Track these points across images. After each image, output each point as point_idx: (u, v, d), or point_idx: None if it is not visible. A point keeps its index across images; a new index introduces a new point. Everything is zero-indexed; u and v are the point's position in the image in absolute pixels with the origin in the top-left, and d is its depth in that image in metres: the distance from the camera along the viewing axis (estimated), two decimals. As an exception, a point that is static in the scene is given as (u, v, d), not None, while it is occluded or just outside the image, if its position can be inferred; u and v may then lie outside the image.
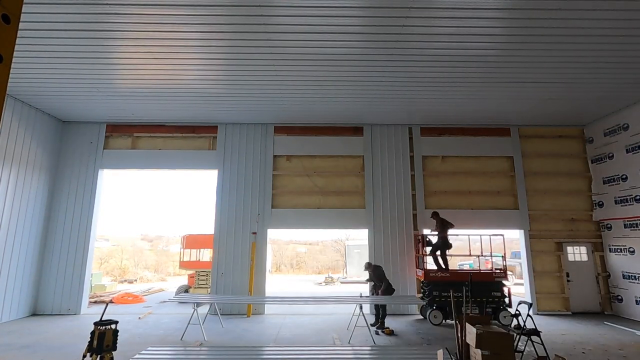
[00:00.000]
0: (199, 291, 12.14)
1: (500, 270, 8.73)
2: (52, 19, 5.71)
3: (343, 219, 10.22)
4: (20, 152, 8.97)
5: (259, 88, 8.25)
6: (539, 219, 10.25)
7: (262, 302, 8.70)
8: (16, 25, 1.13)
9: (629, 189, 9.27)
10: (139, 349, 6.14)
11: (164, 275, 22.51)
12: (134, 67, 7.28)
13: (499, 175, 10.53)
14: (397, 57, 6.81)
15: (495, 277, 8.62)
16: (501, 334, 4.53)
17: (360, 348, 5.40)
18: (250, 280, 9.66)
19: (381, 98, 8.75)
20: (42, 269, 9.60)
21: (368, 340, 7.08)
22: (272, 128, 10.63)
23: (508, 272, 10.21)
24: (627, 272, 9.30)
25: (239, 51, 6.68)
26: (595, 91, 8.38)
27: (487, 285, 8.50)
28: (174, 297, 8.76)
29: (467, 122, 10.44)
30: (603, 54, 6.71)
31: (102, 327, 4.37)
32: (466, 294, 7.04)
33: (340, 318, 9.01)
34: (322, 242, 31.85)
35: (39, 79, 7.85)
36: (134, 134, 10.58)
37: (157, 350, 4.67)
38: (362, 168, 10.53)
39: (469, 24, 5.80)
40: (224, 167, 10.39)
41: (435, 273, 8.87)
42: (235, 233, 10.01)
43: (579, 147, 10.74)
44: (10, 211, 8.65)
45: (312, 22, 5.78)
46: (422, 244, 9.47)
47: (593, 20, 5.68)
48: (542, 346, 5.75)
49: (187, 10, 5.49)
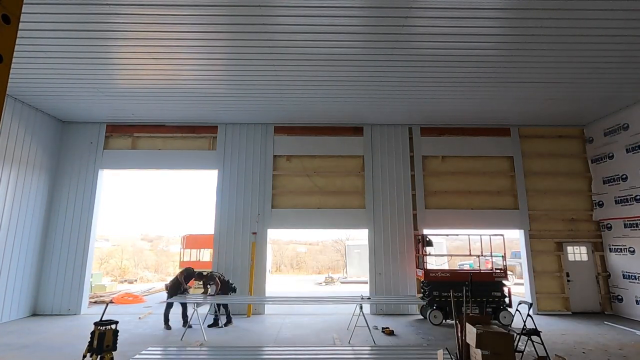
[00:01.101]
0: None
1: (501, 270, 8.73)
2: (52, 19, 5.71)
3: (343, 219, 10.22)
4: (20, 152, 8.97)
5: (259, 88, 8.25)
6: (539, 219, 10.25)
7: (262, 302, 8.69)
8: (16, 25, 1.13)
9: (629, 189, 9.27)
10: (139, 349, 6.14)
11: (164, 275, 22.52)
12: (134, 67, 7.28)
13: (499, 175, 10.53)
14: (397, 57, 6.81)
15: (495, 277, 8.63)
16: (501, 334, 4.52)
17: (360, 348, 5.40)
18: (250, 280, 9.66)
19: (381, 98, 8.75)
20: (42, 269, 9.60)
21: (368, 340, 7.08)
22: (272, 128, 10.63)
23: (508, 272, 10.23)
24: (627, 272, 9.30)
25: (239, 51, 6.68)
26: (596, 91, 8.37)
27: (487, 285, 8.50)
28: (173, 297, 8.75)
29: (467, 122, 10.44)
30: (603, 54, 6.71)
31: (102, 327, 4.37)
32: (466, 294, 7.04)
33: (340, 318, 9.01)
34: (322, 242, 31.86)
35: (39, 79, 7.85)
36: (134, 134, 10.58)
37: (157, 350, 4.67)
38: (362, 168, 10.53)
39: (469, 24, 5.80)
40: (224, 167, 10.39)
41: (435, 273, 8.87)
42: (235, 233, 10.01)
43: (579, 147, 10.74)
44: (10, 211, 8.65)
45: (312, 22, 5.78)
46: (422, 244, 9.47)
47: (593, 20, 5.68)
48: (542, 346, 5.75)
49: (187, 10, 5.49)
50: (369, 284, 9.92)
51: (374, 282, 9.82)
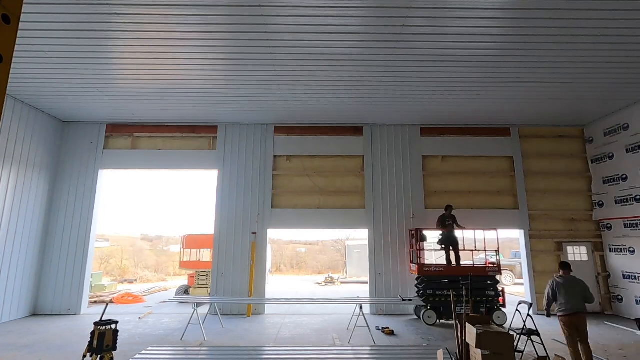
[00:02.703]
0: (199, 291, 12.14)
1: (494, 265, 8.69)
2: (52, 19, 5.71)
3: (343, 219, 10.21)
4: (20, 152, 8.96)
5: (259, 88, 8.25)
6: (539, 219, 10.25)
7: (262, 303, 8.70)
8: (16, 25, 1.13)
9: (629, 189, 9.27)
10: (139, 349, 6.14)
11: (164, 275, 22.52)
12: (134, 67, 7.28)
13: (499, 175, 10.53)
14: (397, 57, 6.81)
15: (488, 272, 8.56)
16: (501, 334, 4.52)
17: (360, 348, 5.40)
18: (250, 280, 9.66)
19: (381, 98, 8.75)
20: (42, 269, 9.60)
21: (368, 340, 7.07)
22: (272, 128, 10.63)
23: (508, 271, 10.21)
24: (627, 272, 9.30)
25: (239, 51, 6.68)
26: (596, 91, 8.37)
27: (481, 281, 8.40)
28: (174, 297, 8.77)
29: (467, 122, 10.44)
30: (603, 54, 6.70)
31: (102, 327, 4.37)
32: (460, 292, 7.01)
33: (340, 318, 9.01)
34: (322, 242, 31.84)
35: (39, 79, 7.85)
36: (134, 134, 10.58)
37: (158, 350, 4.67)
38: (362, 168, 10.53)
39: (469, 24, 5.80)
40: (224, 167, 10.39)
41: (429, 267, 8.83)
42: (235, 233, 10.01)
43: (579, 147, 10.74)
44: (10, 211, 8.65)
45: (312, 22, 5.78)
46: (417, 239, 9.44)
47: (593, 20, 5.68)
48: (542, 346, 5.76)
49: (187, 10, 5.49)
50: (369, 284, 9.92)
51: (374, 282, 9.82)
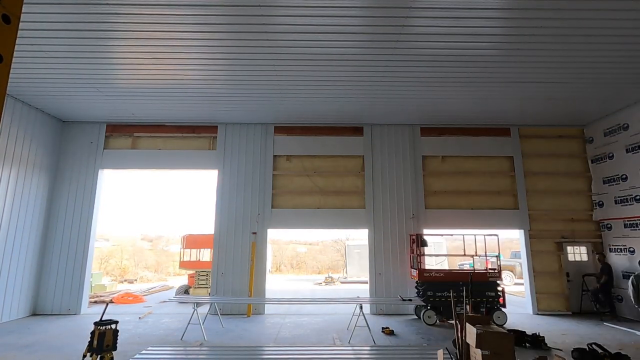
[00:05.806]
0: (199, 291, 12.14)
1: (495, 270, 8.72)
2: (52, 19, 5.71)
3: (343, 219, 10.21)
4: (20, 152, 8.96)
5: (259, 88, 8.25)
6: (539, 219, 10.25)
7: (262, 303, 8.69)
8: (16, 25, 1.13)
9: (629, 189, 9.27)
10: (139, 349, 6.14)
11: (164, 275, 22.52)
12: (134, 67, 7.28)
13: (499, 175, 10.53)
14: (397, 57, 6.81)
15: (489, 277, 8.62)
16: (501, 334, 4.52)
17: (360, 348, 5.40)
18: (250, 280, 9.66)
19: (381, 98, 8.75)
20: (42, 269, 9.60)
21: (368, 340, 7.07)
22: (272, 128, 10.63)
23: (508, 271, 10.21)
24: (627, 272, 9.29)
25: (239, 51, 6.68)
26: (596, 91, 8.37)
27: (481, 285, 8.47)
28: (173, 297, 8.76)
29: (467, 122, 10.44)
30: (603, 54, 6.71)
31: (102, 327, 4.37)
32: (461, 294, 7.02)
33: (340, 318, 9.01)
34: (322, 242, 31.83)
35: (39, 79, 7.85)
36: (134, 134, 10.58)
37: (158, 350, 4.67)
38: (362, 168, 10.53)
39: (469, 24, 5.80)
40: (224, 167, 10.39)
41: (429, 273, 8.84)
42: (235, 233, 10.01)
43: (579, 147, 10.74)
44: (10, 211, 8.65)
45: (312, 22, 5.78)
46: (417, 244, 9.43)
47: (593, 20, 5.68)
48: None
49: (187, 10, 5.49)
50: (369, 284, 9.92)
51: (374, 282, 9.82)
